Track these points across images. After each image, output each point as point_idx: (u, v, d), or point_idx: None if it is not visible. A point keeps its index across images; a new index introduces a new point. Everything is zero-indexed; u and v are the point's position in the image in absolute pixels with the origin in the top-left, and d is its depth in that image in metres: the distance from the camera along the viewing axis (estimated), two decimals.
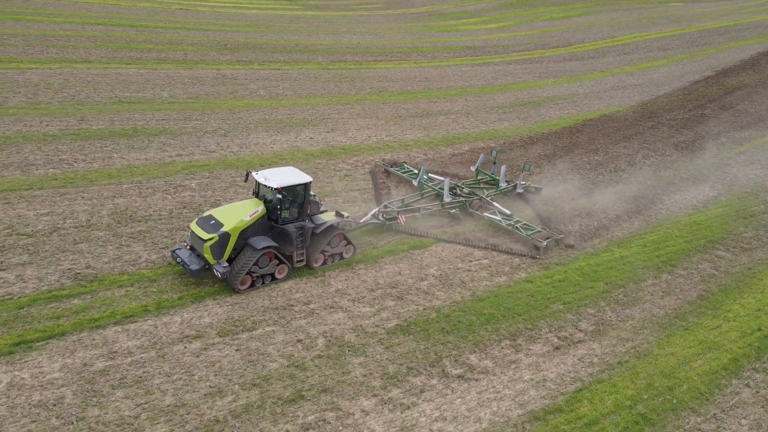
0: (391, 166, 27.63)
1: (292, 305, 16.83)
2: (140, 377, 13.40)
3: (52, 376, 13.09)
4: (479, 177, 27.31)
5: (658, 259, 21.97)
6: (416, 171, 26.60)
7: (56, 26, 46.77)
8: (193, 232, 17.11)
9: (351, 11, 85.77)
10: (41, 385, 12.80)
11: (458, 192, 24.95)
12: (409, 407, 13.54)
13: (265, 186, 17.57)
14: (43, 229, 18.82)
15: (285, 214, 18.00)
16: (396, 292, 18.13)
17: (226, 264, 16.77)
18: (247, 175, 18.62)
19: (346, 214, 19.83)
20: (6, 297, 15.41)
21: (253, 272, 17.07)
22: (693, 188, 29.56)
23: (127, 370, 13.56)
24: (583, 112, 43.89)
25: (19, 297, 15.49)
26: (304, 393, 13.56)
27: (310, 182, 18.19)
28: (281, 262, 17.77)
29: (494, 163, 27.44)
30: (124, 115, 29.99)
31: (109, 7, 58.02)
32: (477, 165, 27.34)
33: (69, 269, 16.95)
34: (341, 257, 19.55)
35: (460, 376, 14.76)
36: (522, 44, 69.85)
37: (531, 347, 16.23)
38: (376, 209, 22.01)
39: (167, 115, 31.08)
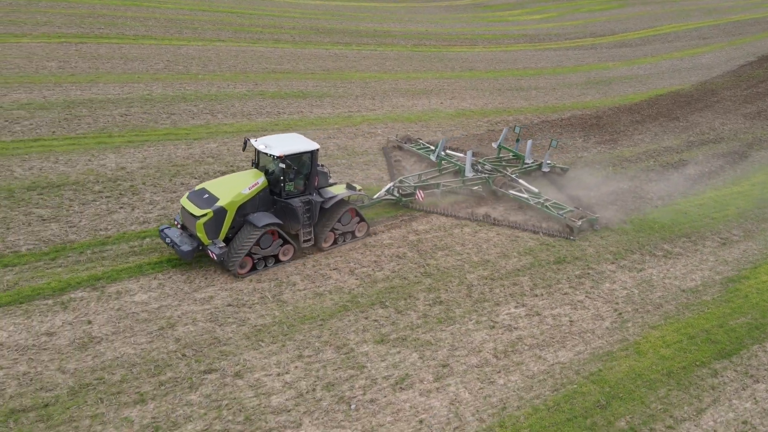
0: (406, 142, 26.08)
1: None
2: (446, 245, 18.23)
3: (389, 242, 17.98)
4: (501, 154, 25.60)
5: None
6: (432, 147, 25.00)
7: (173, 11, 51.43)
8: (184, 208, 15.10)
9: (403, 3, 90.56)
10: (386, 245, 17.72)
11: (479, 169, 23.33)
12: (639, 270, 18.34)
13: (266, 155, 15.55)
14: None
15: (289, 186, 15.88)
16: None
17: (223, 244, 14.94)
18: (246, 142, 16.48)
19: (358, 186, 17.89)
20: None
21: (254, 253, 15.17)
22: None
23: (433, 241, 18.40)
24: (651, 89, 48.49)
25: None
26: (562, 258, 18.37)
27: (317, 150, 16.05)
28: (286, 241, 15.86)
29: (518, 140, 25.64)
30: (284, 82, 34.71)
31: None
32: (499, 141, 25.55)
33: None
34: (353, 236, 17.79)
35: (664, 256, 19.53)
36: (572, 33, 74.55)
37: (704, 243, 20.98)
38: (391, 184, 20.55)
39: (317, 83, 35.82)
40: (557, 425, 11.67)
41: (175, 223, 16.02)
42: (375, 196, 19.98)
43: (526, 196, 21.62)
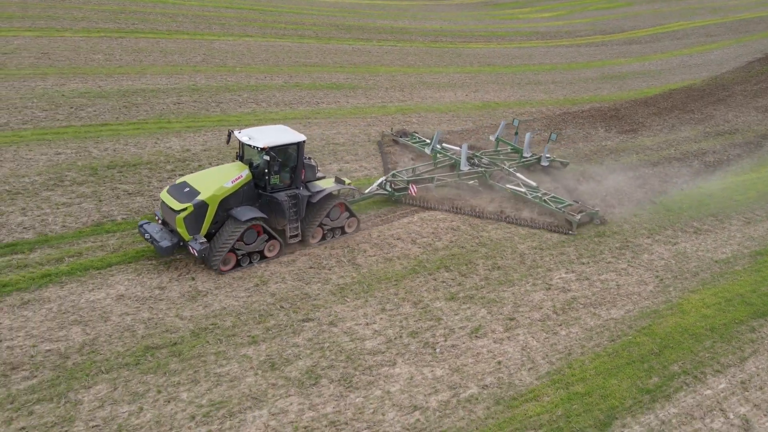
0: (401, 136, 25.45)
1: None
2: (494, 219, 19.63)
3: (442, 216, 19.53)
4: (499, 147, 24.93)
5: None
6: (428, 141, 24.26)
7: (198, 8, 52.90)
8: (163, 202, 14.55)
9: (415, 1, 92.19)
10: (440, 219, 19.26)
11: (476, 162, 22.59)
12: (674, 244, 19.72)
13: (250, 147, 14.98)
14: (347, 142, 25.01)
15: (275, 180, 15.38)
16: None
17: (204, 240, 14.37)
18: (230, 134, 15.87)
19: (347, 180, 17.27)
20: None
21: (238, 249, 14.74)
22: None
23: (478, 221, 19.79)
24: (665, 84, 49.89)
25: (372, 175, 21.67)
26: (602, 233, 19.78)
27: (304, 142, 15.54)
28: (271, 237, 15.38)
29: (516, 133, 24.86)
30: (316, 75, 36.11)
31: None
32: (497, 134, 24.87)
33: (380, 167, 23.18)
34: (343, 231, 17.30)
35: (694, 232, 20.92)
36: (582, 30, 75.95)
37: (730, 221, 22.35)
38: (383, 178, 20.14)
39: (347, 76, 37.23)
40: (619, 368, 13.06)
41: (156, 218, 15.44)
42: (367, 191, 19.59)
43: (523, 190, 21.02)
